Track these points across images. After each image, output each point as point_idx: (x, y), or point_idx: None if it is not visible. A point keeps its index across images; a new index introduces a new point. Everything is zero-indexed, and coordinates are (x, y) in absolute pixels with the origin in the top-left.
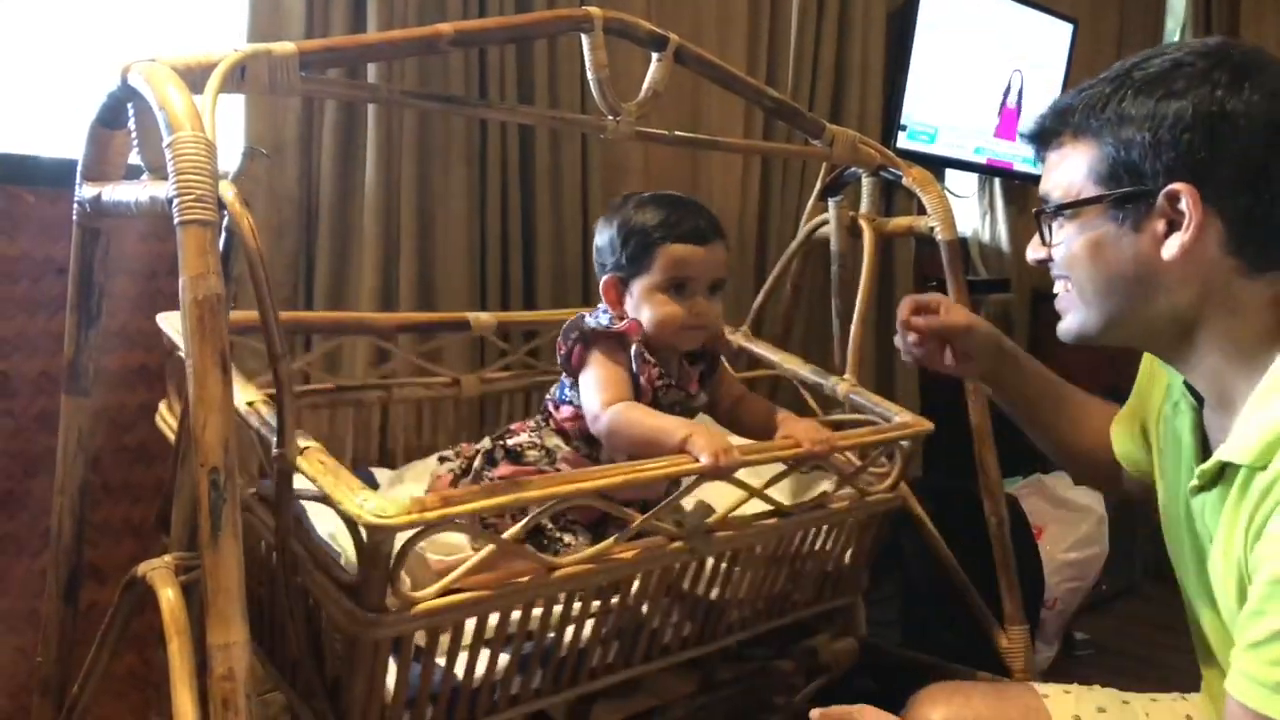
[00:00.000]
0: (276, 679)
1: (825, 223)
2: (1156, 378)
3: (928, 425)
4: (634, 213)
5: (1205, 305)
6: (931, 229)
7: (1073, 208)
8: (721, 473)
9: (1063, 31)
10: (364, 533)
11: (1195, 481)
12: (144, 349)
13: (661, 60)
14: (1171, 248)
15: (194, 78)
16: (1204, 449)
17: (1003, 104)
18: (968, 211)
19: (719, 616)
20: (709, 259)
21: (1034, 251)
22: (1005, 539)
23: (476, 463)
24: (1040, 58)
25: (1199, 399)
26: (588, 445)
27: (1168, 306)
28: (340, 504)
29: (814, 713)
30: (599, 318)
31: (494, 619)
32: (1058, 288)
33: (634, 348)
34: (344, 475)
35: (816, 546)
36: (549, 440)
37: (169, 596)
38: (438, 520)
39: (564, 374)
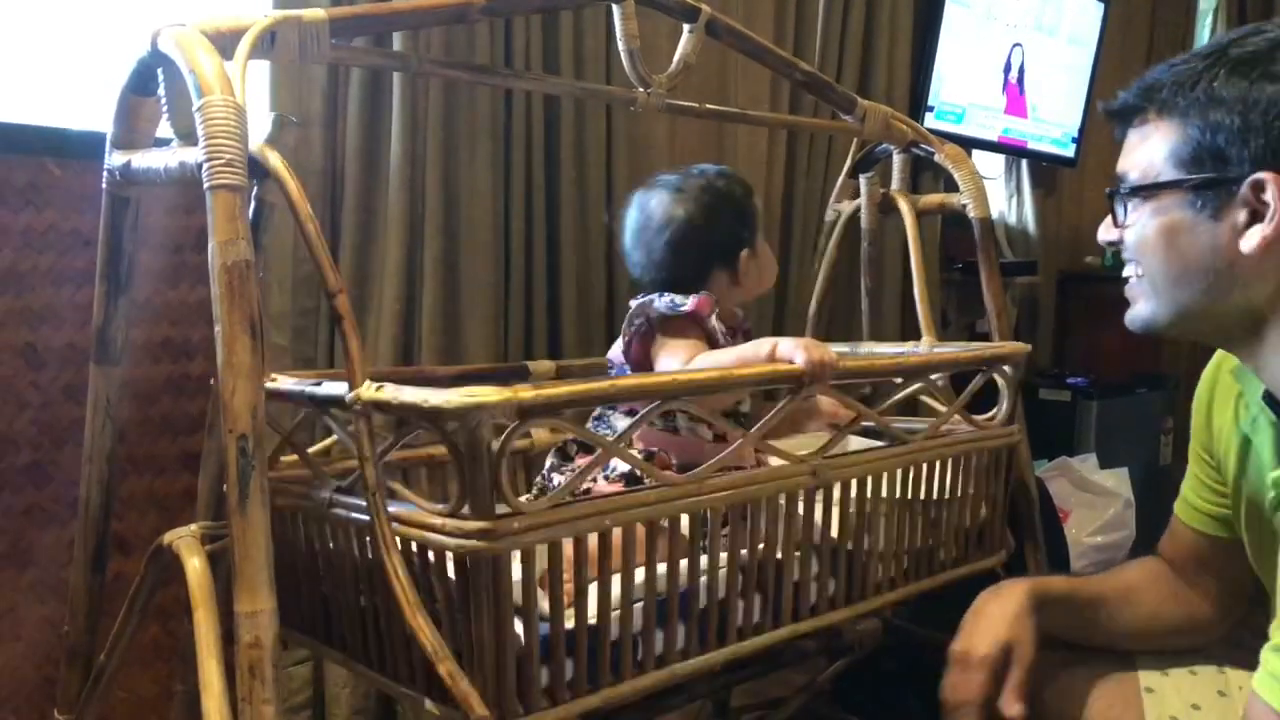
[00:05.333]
0: (387, 686)
1: (859, 203)
2: (1217, 405)
3: (1024, 347)
4: (732, 186)
5: None
6: (964, 206)
7: (1149, 190)
8: (821, 371)
9: (1095, 10)
10: (461, 426)
11: (1273, 492)
12: (169, 322)
13: (693, 32)
14: (1252, 240)
15: (224, 43)
16: None
17: (1005, 80)
18: (995, 194)
19: (862, 573)
20: None
21: (1105, 233)
22: (1034, 520)
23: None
24: (1072, 36)
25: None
26: (662, 420)
27: (1242, 301)
28: (426, 402)
29: None
30: (664, 300)
31: (618, 536)
32: (1128, 271)
33: (712, 321)
34: (423, 390)
35: (946, 491)
36: (617, 423)
37: (195, 565)
38: (533, 401)
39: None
